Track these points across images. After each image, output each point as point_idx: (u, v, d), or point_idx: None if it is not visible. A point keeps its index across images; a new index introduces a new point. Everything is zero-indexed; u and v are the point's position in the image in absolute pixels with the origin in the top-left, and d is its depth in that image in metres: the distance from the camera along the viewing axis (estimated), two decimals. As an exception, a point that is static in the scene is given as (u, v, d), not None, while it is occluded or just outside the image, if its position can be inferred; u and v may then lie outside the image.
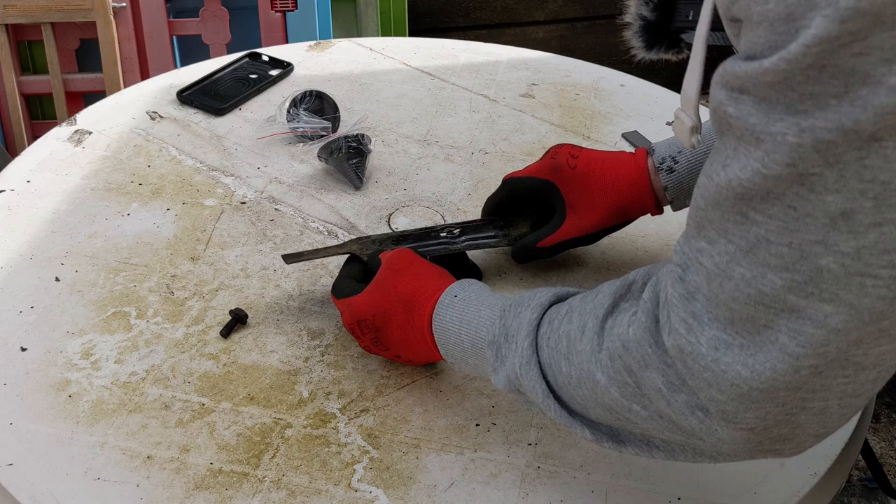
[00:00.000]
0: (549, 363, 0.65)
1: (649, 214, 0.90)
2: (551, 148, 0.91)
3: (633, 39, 0.75)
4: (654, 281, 0.59)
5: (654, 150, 0.88)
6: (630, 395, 0.59)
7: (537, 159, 0.92)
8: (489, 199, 0.94)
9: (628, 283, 0.62)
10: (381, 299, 0.76)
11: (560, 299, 0.68)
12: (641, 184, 0.88)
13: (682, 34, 0.74)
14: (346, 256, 0.87)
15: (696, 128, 0.72)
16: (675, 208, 0.90)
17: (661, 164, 0.87)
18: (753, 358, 0.51)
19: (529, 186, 0.90)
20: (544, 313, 0.67)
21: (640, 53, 0.76)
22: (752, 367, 0.51)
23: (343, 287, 0.81)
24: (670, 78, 2.26)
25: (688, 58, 0.70)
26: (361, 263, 0.84)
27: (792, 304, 0.49)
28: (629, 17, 0.74)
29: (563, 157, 0.89)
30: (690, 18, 0.72)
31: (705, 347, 0.53)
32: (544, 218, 0.91)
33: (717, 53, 0.66)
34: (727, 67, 0.49)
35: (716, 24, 0.63)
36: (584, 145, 1.14)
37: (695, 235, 0.54)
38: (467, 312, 0.71)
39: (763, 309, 0.50)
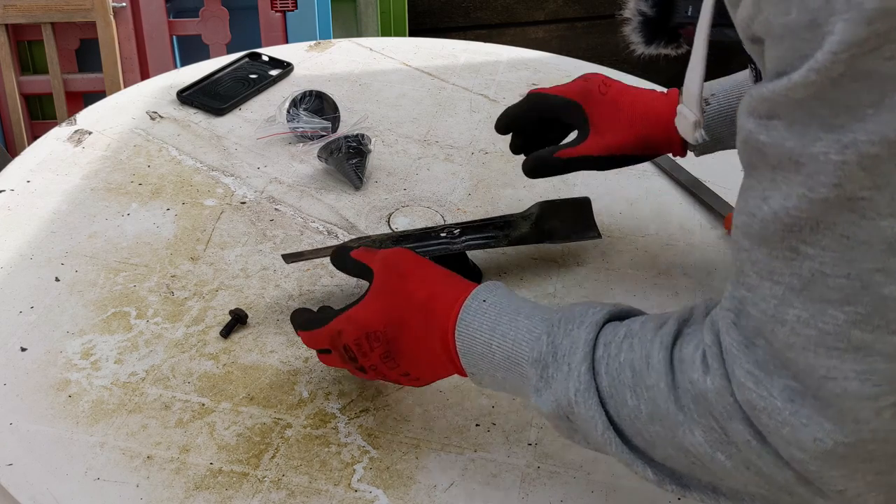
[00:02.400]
0: (611, 393, 0.58)
1: (671, 155, 0.88)
2: (586, 74, 0.89)
3: (633, 35, 0.74)
4: (710, 321, 0.54)
5: (682, 91, 0.86)
6: (715, 441, 0.53)
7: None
8: (509, 108, 0.91)
9: (690, 308, 0.58)
10: (393, 306, 0.69)
11: (614, 317, 0.62)
12: (670, 119, 0.83)
13: (681, 29, 0.73)
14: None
15: (699, 122, 0.71)
16: (698, 153, 0.88)
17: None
18: (829, 409, 0.47)
19: (554, 104, 0.88)
20: (599, 333, 0.61)
21: (640, 49, 0.75)
22: (830, 417, 0.47)
23: (314, 314, 0.74)
24: (670, 77, 2.26)
25: (687, 53, 0.69)
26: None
27: (857, 340, 0.46)
28: (628, 13, 0.74)
29: (594, 83, 0.87)
30: (689, 14, 0.72)
31: (780, 400, 0.49)
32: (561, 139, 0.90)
33: (719, 49, 0.66)
34: (753, 94, 0.47)
35: (717, 20, 0.63)
36: (584, 145, 1.14)
37: (736, 282, 0.51)
38: (501, 322, 0.64)
39: (825, 352, 0.47)
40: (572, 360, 0.60)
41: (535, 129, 0.91)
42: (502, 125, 0.91)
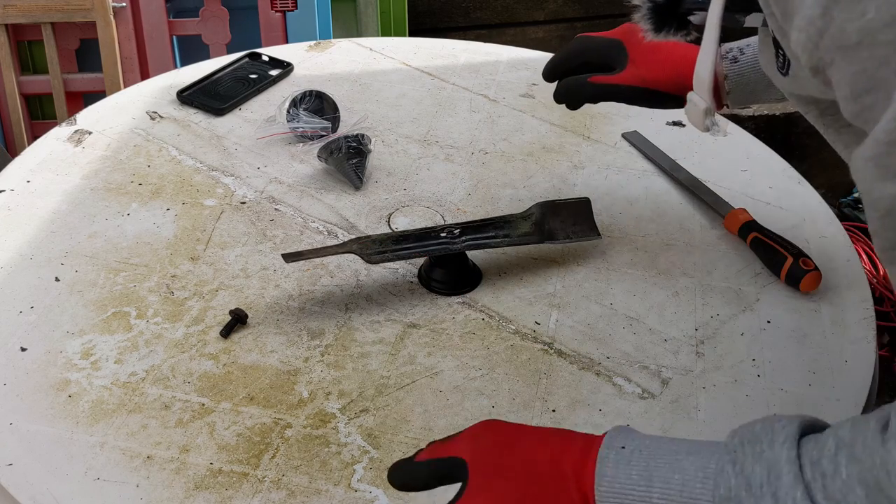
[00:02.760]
0: None
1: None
2: (628, 23, 0.90)
3: (642, 22, 0.74)
4: None
5: (722, 45, 0.86)
6: None
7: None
8: (555, 55, 0.94)
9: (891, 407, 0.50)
10: (509, 489, 0.57)
11: (806, 429, 0.52)
12: None
13: (690, 16, 0.73)
14: (346, 256, 0.86)
15: (710, 110, 0.71)
16: (732, 102, 0.88)
17: (727, 52, 0.86)
18: None
19: (598, 44, 0.91)
20: (799, 451, 0.51)
21: (650, 36, 0.75)
22: None
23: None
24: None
25: (697, 40, 0.69)
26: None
27: None
28: (637, 0, 0.74)
29: (638, 30, 0.88)
30: (699, 0, 0.72)
31: None
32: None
33: (729, 36, 0.66)
34: (871, 151, 0.41)
35: (729, 5, 0.61)
36: (583, 145, 1.14)
37: None
38: (657, 467, 0.54)
39: None
40: (778, 488, 0.49)
41: (578, 71, 0.93)
42: (549, 71, 0.94)
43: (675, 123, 1.18)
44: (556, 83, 0.96)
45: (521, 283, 0.92)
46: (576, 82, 0.91)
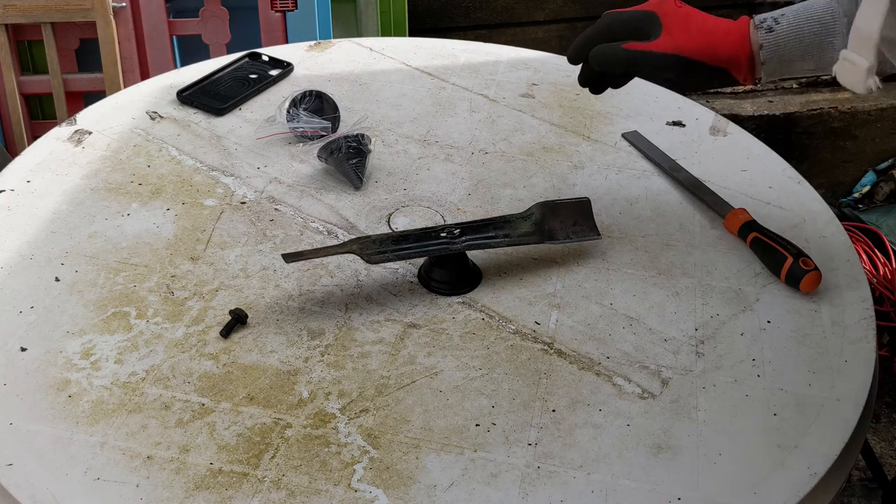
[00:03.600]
0: None
1: (737, 79, 0.89)
2: None
3: None
4: None
5: (754, 17, 0.88)
6: None
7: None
8: (583, 34, 0.92)
9: None
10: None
11: None
12: (740, 33, 0.87)
13: None
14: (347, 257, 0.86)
15: (873, 68, 0.69)
16: (767, 73, 0.88)
17: (761, 22, 0.86)
18: None
19: (628, 17, 0.90)
20: None
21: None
22: None
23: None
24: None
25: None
26: None
27: None
28: None
29: (669, 2, 0.90)
30: None
31: None
32: None
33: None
34: None
35: None
36: (583, 145, 1.14)
37: None
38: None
39: None
40: None
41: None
42: (576, 51, 0.92)
43: (675, 123, 1.18)
44: (580, 66, 0.95)
45: (521, 283, 0.92)
46: (608, 48, 0.89)
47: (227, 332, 0.84)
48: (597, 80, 0.95)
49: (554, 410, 0.79)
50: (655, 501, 0.72)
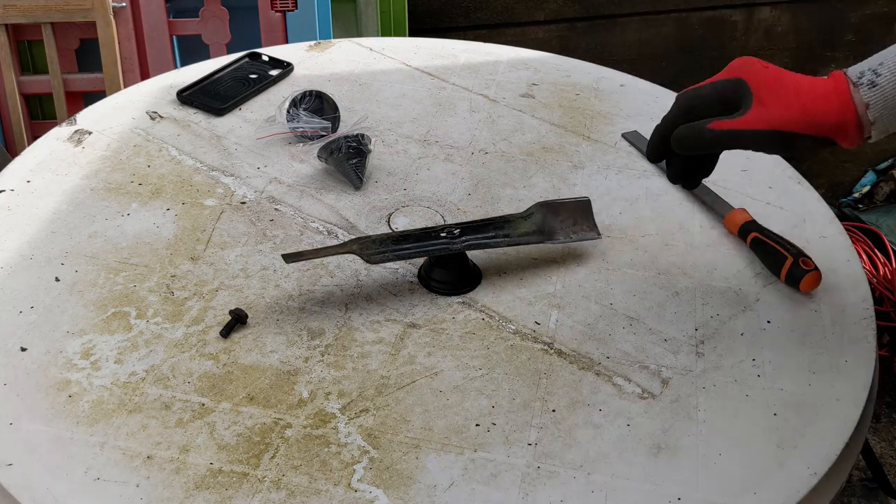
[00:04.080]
0: None
1: (842, 145, 0.76)
2: (739, 58, 0.80)
3: None
4: None
5: (846, 71, 0.76)
6: None
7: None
8: (658, 127, 0.81)
9: None
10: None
11: None
12: (841, 95, 0.75)
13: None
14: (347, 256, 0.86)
15: None
16: (878, 132, 0.76)
17: (859, 78, 0.75)
18: None
19: (712, 91, 0.79)
20: None
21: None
22: None
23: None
24: (670, 78, 2.26)
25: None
26: None
27: None
28: None
29: (754, 62, 0.78)
30: None
31: None
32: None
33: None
34: None
35: None
36: (583, 145, 1.14)
37: None
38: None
39: None
40: None
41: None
42: (654, 149, 0.82)
43: (675, 123, 1.18)
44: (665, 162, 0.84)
45: (521, 283, 0.92)
46: (692, 130, 0.77)
47: (227, 332, 0.84)
48: (689, 172, 0.83)
49: (554, 410, 0.79)
50: (655, 501, 0.72)
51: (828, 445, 0.76)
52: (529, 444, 0.76)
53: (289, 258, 0.87)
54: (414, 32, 2.00)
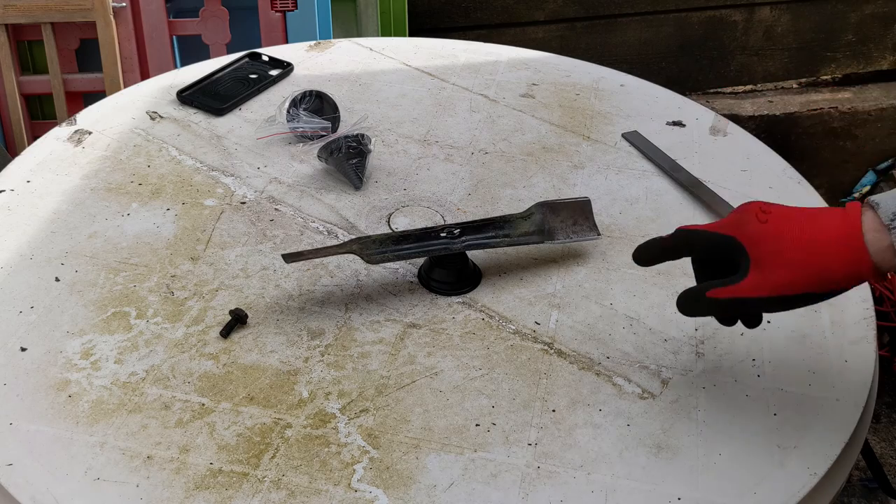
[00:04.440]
0: None
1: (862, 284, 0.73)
2: (741, 205, 0.75)
3: None
4: None
5: (878, 204, 0.70)
6: None
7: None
8: (653, 243, 0.79)
9: None
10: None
11: None
12: (852, 243, 0.69)
13: None
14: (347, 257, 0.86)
15: None
16: None
17: (892, 220, 0.68)
18: None
19: (706, 242, 0.75)
20: None
21: None
22: None
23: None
24: (670, 78, 2.26)
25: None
26: None
27: None
28: None
29: (751, 213, 0.73)
30: None
31: None
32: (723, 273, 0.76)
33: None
34: None
35: None
36: (583, 145, 1.14)
37: None
38: None
39: None
40: None
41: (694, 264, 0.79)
42: (642, 259, 0.80)
43: (675, 123, 1.18)
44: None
45: (521, 283, 0.92)
46: (689, 298, 0.75)
47: (227, 332, 0.84)
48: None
49: (554, 410, 0.79)
50: (655, 501, 0.72)
51: (828, 445, 0.76)
52: (529, 444, 0.76)
53: (289, 258, 0.87)
54: (414, 32, 2.00)
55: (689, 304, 0.75)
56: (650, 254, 0.79)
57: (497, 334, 0.86)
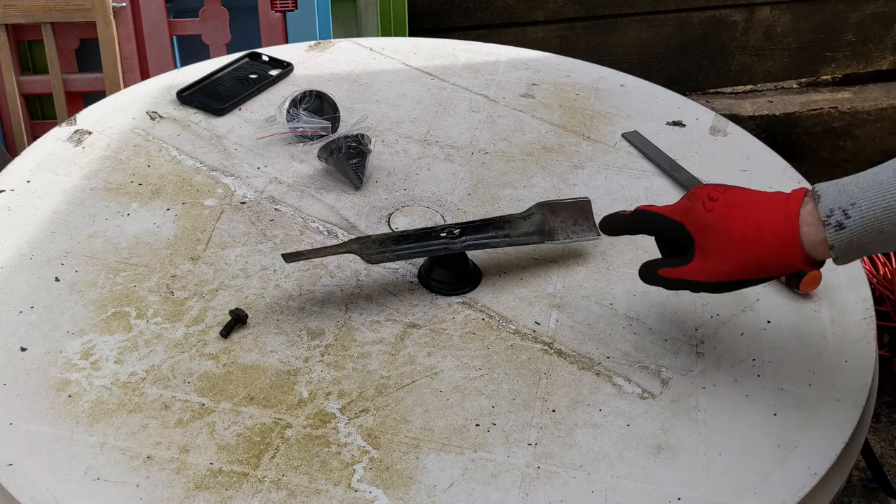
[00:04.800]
0: None
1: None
2: (693, 188, 0.80)
3: None
4: None
5: (819, 196, 0.72)
6: None
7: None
8: (615, 218, 0.86)
9: None
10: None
11: None
12: (788, 235, 0.72)
13: None
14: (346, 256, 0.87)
15: None
16: (841, 263, 0.73)
17: (828, 216, 0.71)
18: None
19: (658, 224, 0.81)
20: None
21: None
22: None
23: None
24: (670, 78, 2.26)
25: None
26: None
27: None
28: None
29: (699, 200, 0.77)
30: None
31: None
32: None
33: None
34: None
35: None
36: (583, 145, 1.14)
37: None
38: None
39: None
40: None
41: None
42: (607, 231, 0.87)
43: (675, 123, 1.18)
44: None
45: (521, 283, 0.92)
46: (647, 271, 0.82)
47: (227, 332, 0.84)
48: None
49: (554, 410, 0.79)
50: (655, 501, 0.72)
51: (828, 445, 0.76)
52: (529, 444, 0.76)
53: (289, 258, 0.87)
54: (414, 32, 2.00)
55: (647, 276, 0.83)
56: (613, 227, 0.87)
57: (497, 334, 0.86)
